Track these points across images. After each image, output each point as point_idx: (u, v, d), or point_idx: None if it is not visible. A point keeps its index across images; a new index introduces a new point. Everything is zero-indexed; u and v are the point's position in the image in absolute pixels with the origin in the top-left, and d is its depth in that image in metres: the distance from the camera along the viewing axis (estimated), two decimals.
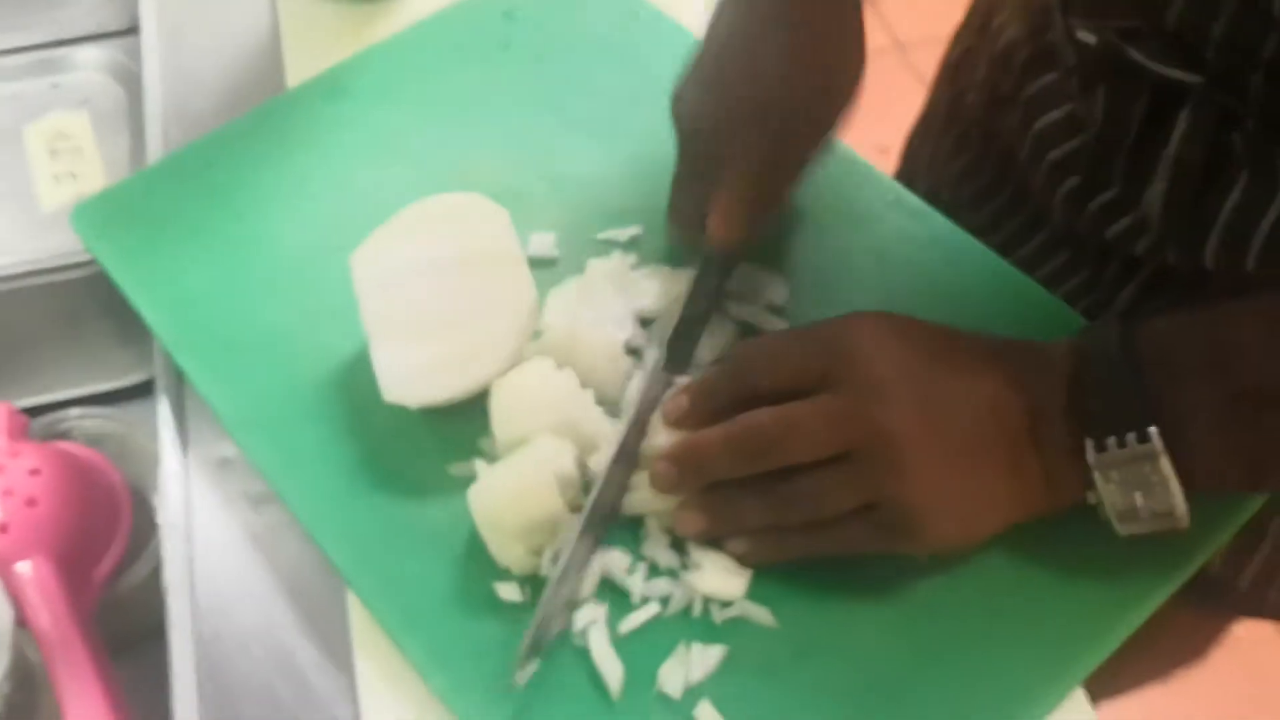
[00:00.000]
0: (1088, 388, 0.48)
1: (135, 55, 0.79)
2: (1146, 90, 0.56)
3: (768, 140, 0.54)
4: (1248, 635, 0.71)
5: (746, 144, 0.54)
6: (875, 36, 1.96)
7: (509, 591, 0.51)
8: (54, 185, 0.78)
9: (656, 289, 0.59)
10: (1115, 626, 0.50)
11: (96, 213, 0.64)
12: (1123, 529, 0.48)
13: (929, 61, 0.77)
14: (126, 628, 0.67)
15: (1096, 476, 0.47)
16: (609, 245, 0.62)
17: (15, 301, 0.62)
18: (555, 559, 0.51)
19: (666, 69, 0.58)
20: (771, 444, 0.48)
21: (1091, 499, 0.48)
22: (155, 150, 0.72)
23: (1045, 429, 0.48)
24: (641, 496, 0.52)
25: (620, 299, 0.58)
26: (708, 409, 0.50)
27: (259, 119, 0.68)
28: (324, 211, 0.64)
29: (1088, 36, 0.58)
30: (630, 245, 0.62)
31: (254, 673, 0.54)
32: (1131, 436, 0.46)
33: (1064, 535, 0.50)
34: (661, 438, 0.52)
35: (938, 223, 0.62)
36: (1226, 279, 0.57)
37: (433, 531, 0.53)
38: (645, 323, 0.58)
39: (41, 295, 0.65)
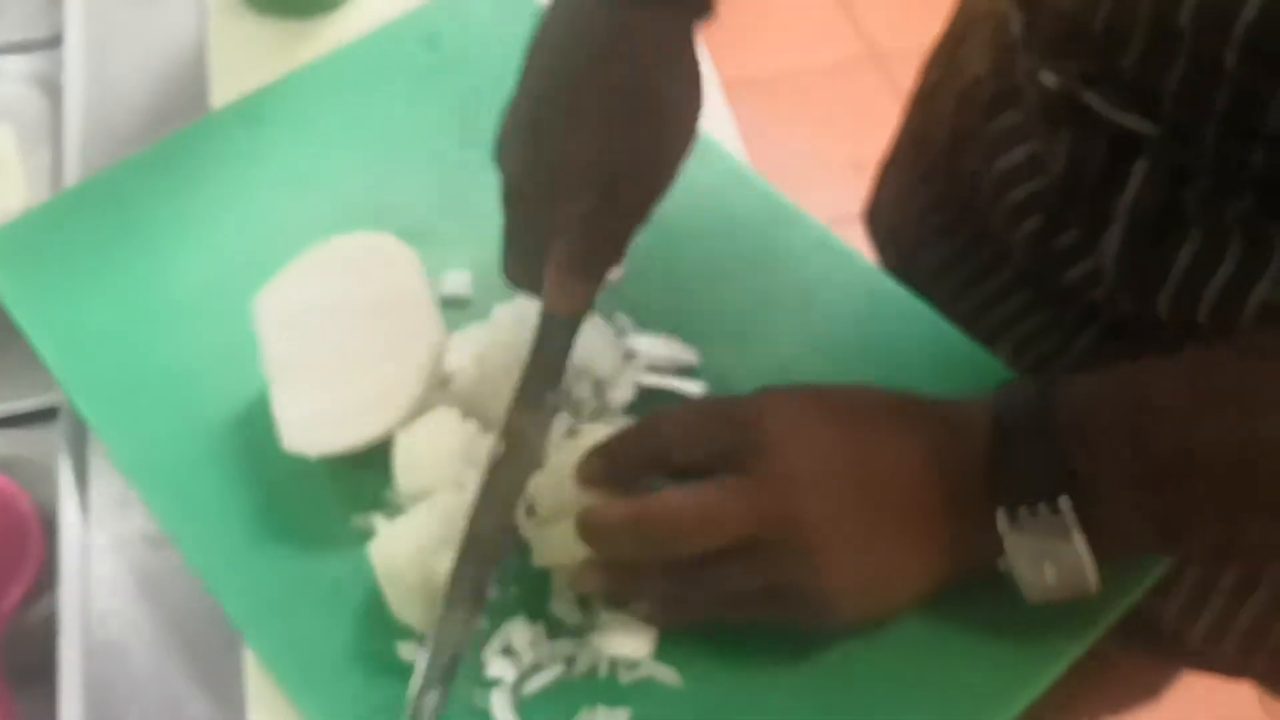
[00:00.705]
0: (1000, 454, 0.47)
1: (61, 67, 0.77)
2: (1105, 137, 0.55)
3: (595, 202, 0.50)
4: (1203, 679, 0.70)
5: (572, 207, 0.50)
6: (853, 47, 1.91)
7: (409, 651, 0.49)
8: None
9: None
10: (1027, 686, 0.49)
11: None
12: (1032, 597, 0.47)
13: (908, 75, 0.75)
14: (35, 659, 0.65)
15: (1007, 545, 0.46)
16: None
17: None
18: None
19: None
20: (678, 535, 0.46)
21: (1002, 566, 0.47)
22: (74, 167, 0.70)
23: (961, 496, 0.47)
24: (548, 549, 0.51)
25: (524, 345, 0.57)
26: (618, 475, 0.49)
27: (173, 148, 0.66)
28: (232, 246, 0.62)
29: (1049, 78, 0.56)
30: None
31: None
32: (1044, 506, 0.45)
33: (977, 596, 0.49)
34: (565, 490, 0.50)
35: (863, 267, 0.61)
36: (1181, 329, 0.56)
37: (333, 586, 0.51)
38: None
39: None
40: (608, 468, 0.49)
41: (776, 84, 1.65)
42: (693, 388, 0.57)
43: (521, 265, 0.54)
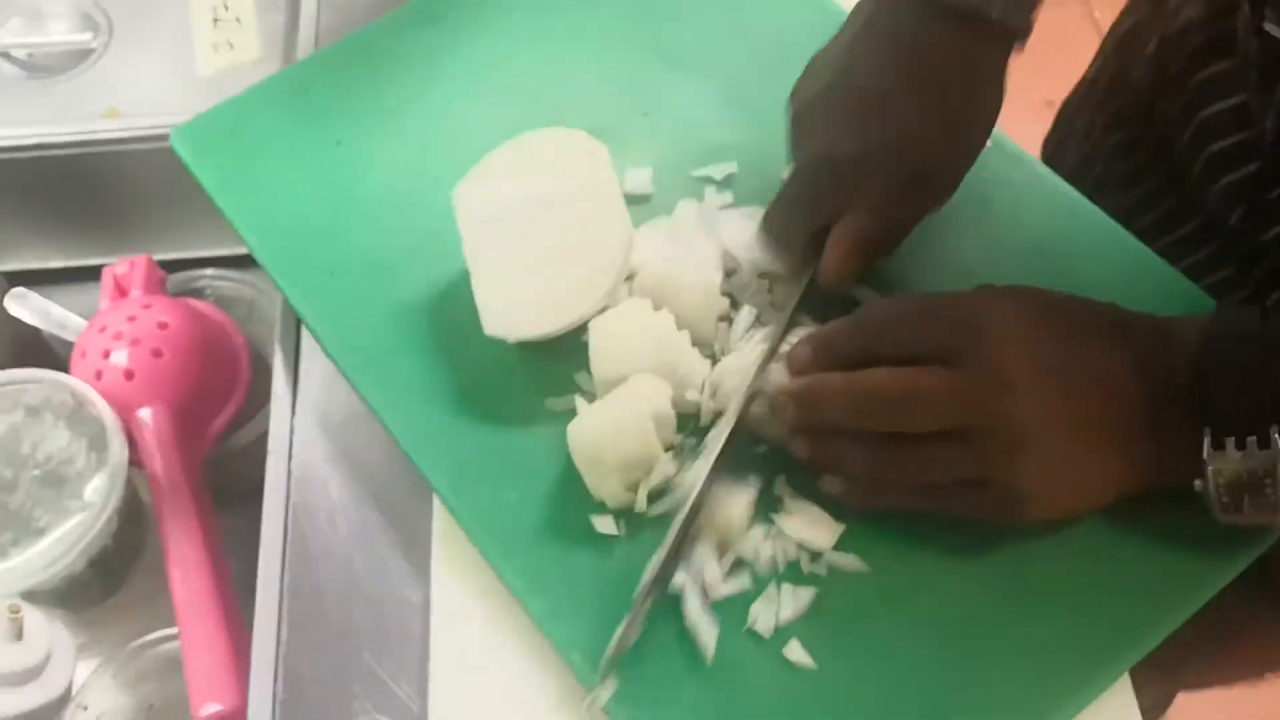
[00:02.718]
0: (1214, 377, 0.47)
1: None
2: None
3: (899, 190, 0.54)
4: None
5: (876, 190, 0.53)
6: None
7: (605, 524, 0.52)
8: (212, 53, 0.80)
9: (747, 230, 0.59)
10: (1191, 596, 0.50)
11: (196, 136, 0.65)
12: (1224, 519, 0.47)
13: (1111, 18, 0.74)
14: (233, 482, 0.71)
15: (1209, 470, 0.46)
16: (703, 183, 0.62)
17: (167, 160, 0.64)
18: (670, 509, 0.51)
19: (767, 4, 0.57)
20: (890, 407, 0.48)
21: (1197, 486, 0.47)
22: (307, 30, 0.73)
23: (1164, 412, 0.48)
24: (760, 415, 0.53)
25: (710, 240, 0.58)
26: (829, 363, 0.51)
27: (356, 45, 0.67)
28: (421, 141, 0.64)
29: (1276, 30, 0.55)
30: (725, 183, 0.62)
31: (336, 545, 0.56)
32: (1252, 440, 0.45)
33: (1157, 503, 0.50)
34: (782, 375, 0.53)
35: (1038, 170, 0.62)
36: None
37: (529, 461, 0.54)
38: (729, 272, 0.58)
39: None
40: (818, 356, 0.51)
41: None
42: (867, 294, 0.58)
43: (787, 221, 0.56)
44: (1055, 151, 0.79)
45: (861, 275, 0.56)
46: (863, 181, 0.54)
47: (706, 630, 0.49)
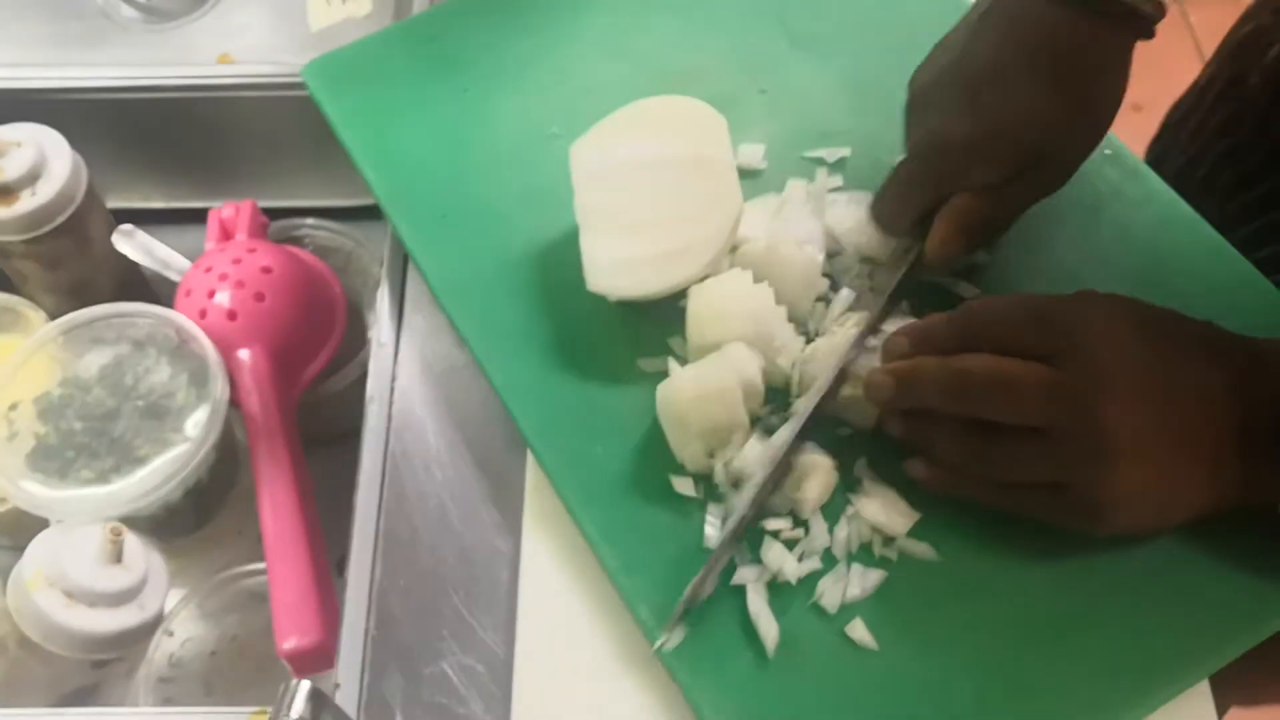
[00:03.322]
0: None
1: None
2: None
3: (1009, 174, 0.53)
4: None
5: (987, 173, 0.53)
6: None
7: (684, 485, 0.53)
8: (324, 6, 0.82)
9: (853, 214, 0.59)
10: (1262, 621, 0.50)
11: (326, 71, 0.67)
12: None
13: (1205, 23, 0.74)
14: (324, 427, 0.73)
15: None
16: (815, 164, 0.62)
17: (274, 109, 0.67)
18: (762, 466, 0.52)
19: None
20: (982, 392, 0.48)
21: None
22: None
23: (1252, 435, 0.48)
24: (849, 397, 0.54)
25: (816, 220, 0.59)
26: (927, 354, 0.51)
27: None
28: (544, 96, 0.65)
29: None
30: (836, 166, 0.62)
31: (431, 492, 0.58)
32: None
33: (1234, 523, 0.50)
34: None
35: (1152, 183, 0.61)
36: None
37: (616, 418, 0.55)
38: (832, 254, 0.59)
39: (298, 107, 0.68)
40: (916, 348, 0.51)
41: None
42: (969, 290, 0.58)
43: (902, 209, 0.56)
44: (1160, 155, 0.79)
45: (964, 261, 0.56)
46: (973, 163, 0.54)
47: (767, 626, 0.50)
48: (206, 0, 0.84)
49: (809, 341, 0.56)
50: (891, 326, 0.55)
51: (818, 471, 0.52)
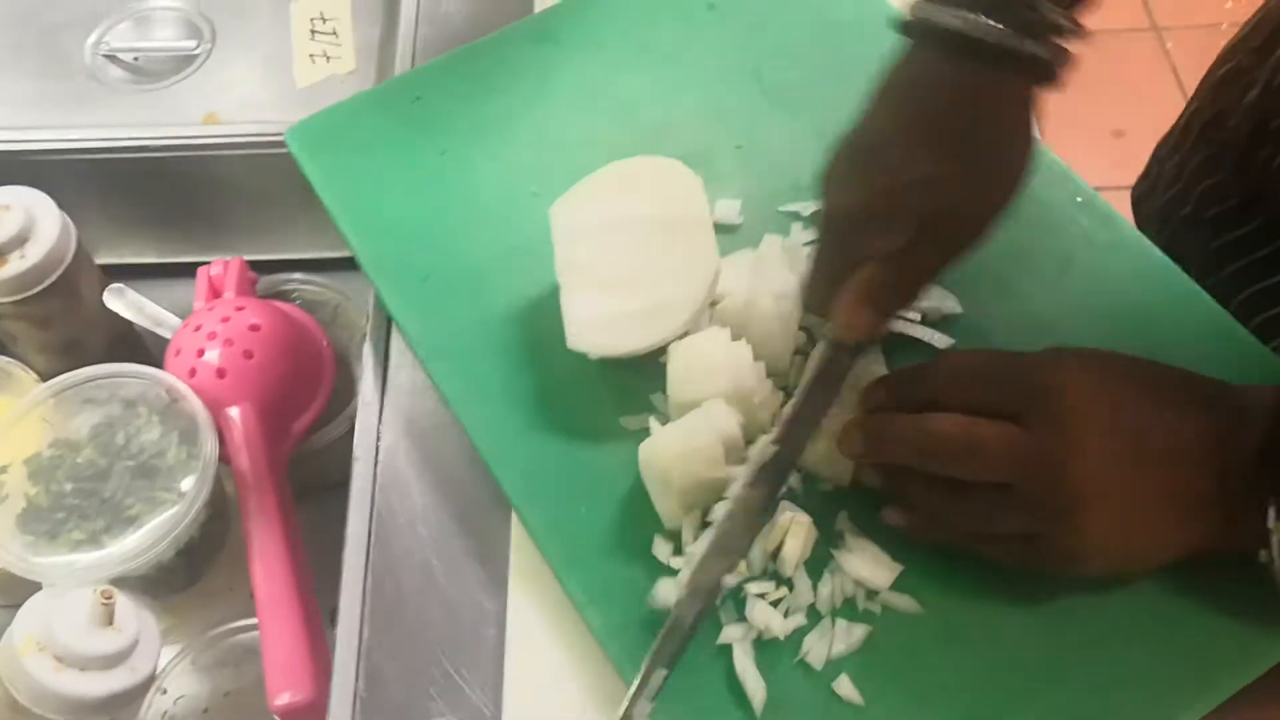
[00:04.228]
0: None
1: None
2: None
3: (916, 240, 0.51)
4: None
5: (891, 241, 0.51)
6: (1134, 17, 1.82)
7: (664, 550, 0.53)
8: (309, 64, 0.83)
9: None
10: (1242, 667, 0.50)
11: (308, 134, 0.68)
12: None
13: (1183, 49, 0.74)
14: (313, 478, 0.74)
15: (1274, 540, 0.47)
16: (790, 218, 0.63)
17: (261, 166, 0.68)
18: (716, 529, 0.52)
19: (869, 44, 0.57)
20: (950, 453, 0.49)
21: (1263, 558, 0.47)
22: (405, 44, 0.75)
23: (1232, 483, 0.48)
24: (822, 450, 0.54)
25: (792, 275, 0.59)
26: (899, 406, 0.52)
27: (467, 57, 0.70)
28: (523, 155, 0.66)
29: None
30: (811, 220, 0.63)
31: (417, 550, 0.58)
32: None
33: (1221, 566, 0.50)
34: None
35: (1124, 230, 0.62)
36: None
37: (600, 477, 0.56)
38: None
39: (285, 163, 0.69)
40: (892, 401, 0.52)
41: None
42: (942, 340, 0.59)
43: (824, 290, 0.55)
44: (1145, 191, 0.79)
45: (881, 332, 0.55)
46: (872, 232, 0.52)
47: (754, 685, 0.50)
48: (193, 60, 0.85)
49: (788, 396, 0.57)
50: (866, 376, 0.55)
51: (797, 529, 0.52)
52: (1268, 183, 0.64)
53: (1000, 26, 0.47)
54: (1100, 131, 0.56)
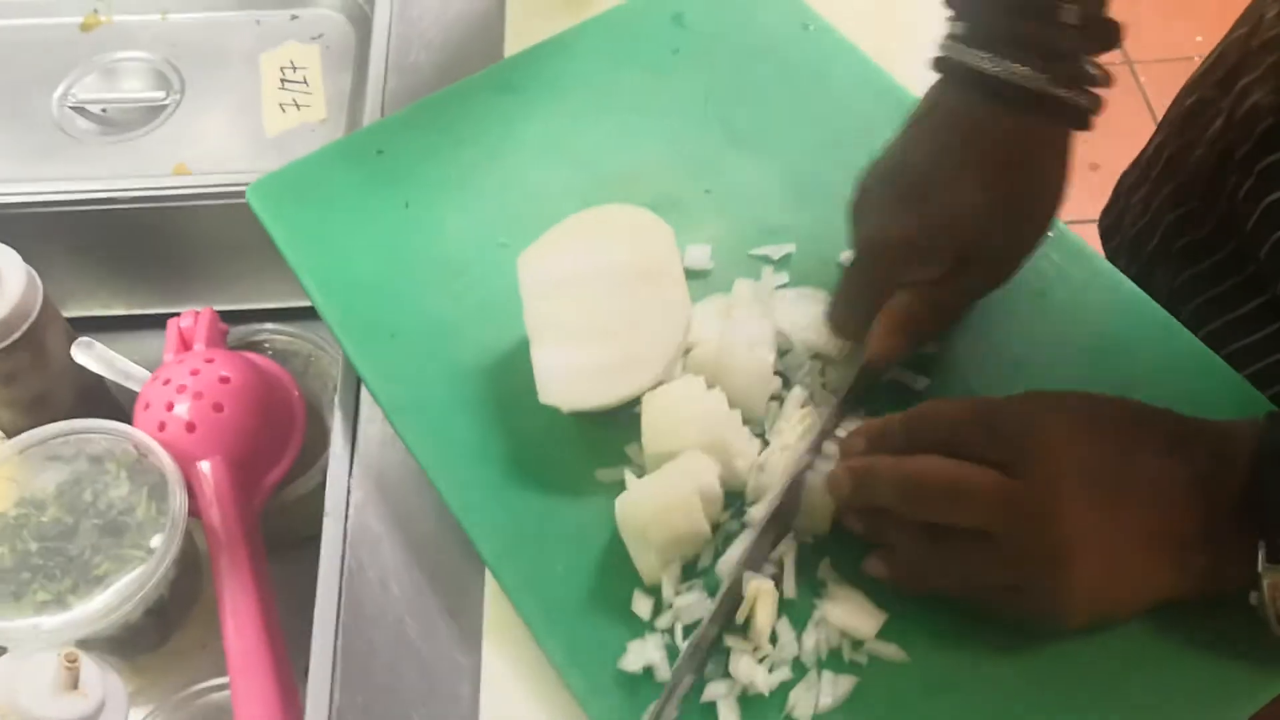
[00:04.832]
0: (1269, 490, 0.47)
1: (372, 2, 0.83)
2: None
3: (952, 272, 0.54)
4: None
5: (930, 271, 0.54)
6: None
7: (644, 607, 0.52)
8: (279, 113, 0.83)
9: (801, 311, 0.60)
10: (1240, 704, 0.50)
11: (270, 191, 0.67)
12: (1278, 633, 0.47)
13: (1156, 82, 0.75)
14: (286, 531, 0.73)
15: (1265, 584, 0.46)
16: (761, 262, 0.63)
17: (231, 216, 0.67)
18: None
19: (834, 84, 0.58)
20: (935, 496, 0.49)
21: (1252, 600, 0.47)
22: (374, 93, 0.75)
23: (1219, 524, 0.48)
24: (812, 493, 0.54)
25: (765, 320, 0.59)
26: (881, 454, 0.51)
27: (430, 109, 0.69)
28: (488, 207, 0.65)
29: None
30: (781, 263, 0.63)
31: (389, 607, 0.57)
32: None
33: (1210, 608, 0.50)
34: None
35: (1097, 264, 0.62)
36: None
37: (577, 532, 0.55)
38: (783, 351, 0.59)
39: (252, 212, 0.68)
40: (871, 448, 0.51)
41: None
42: (919, 381, 0.59)
43: (851, 314, 0.57)
44: (1113, 223, 0.79)
45: (908, 356, 0.57)
46: (911, 261, 0.54)
47: None
48: (163, 110, 0.85)
49: (765, 443, 0.56)
50: (846, 428, 0.55)
51: (765, 600, 0.51)
52: (1235, 213, 0.64)
53: (1043, 76, 0.50)
54: (1078, 166, 0.56)
